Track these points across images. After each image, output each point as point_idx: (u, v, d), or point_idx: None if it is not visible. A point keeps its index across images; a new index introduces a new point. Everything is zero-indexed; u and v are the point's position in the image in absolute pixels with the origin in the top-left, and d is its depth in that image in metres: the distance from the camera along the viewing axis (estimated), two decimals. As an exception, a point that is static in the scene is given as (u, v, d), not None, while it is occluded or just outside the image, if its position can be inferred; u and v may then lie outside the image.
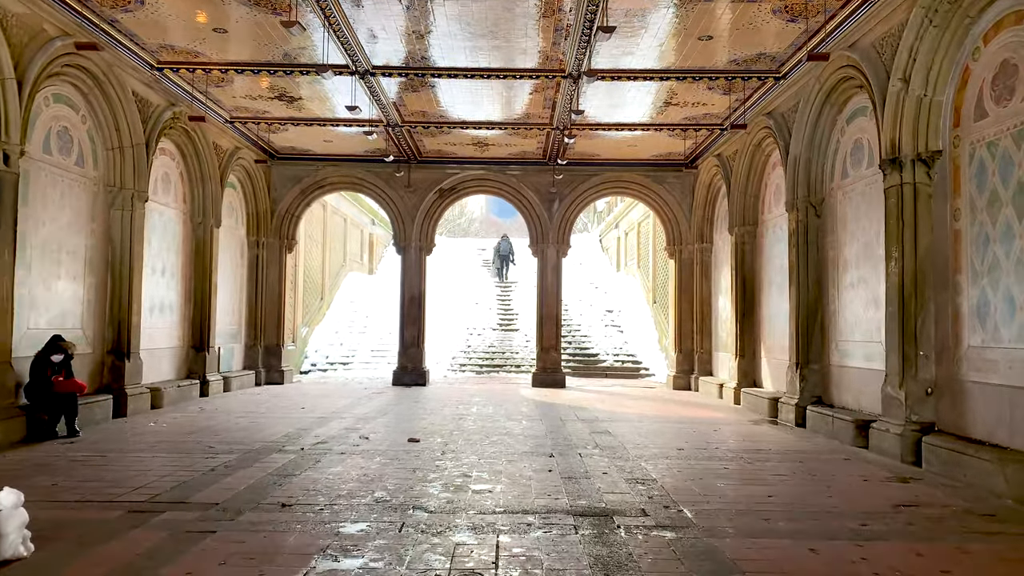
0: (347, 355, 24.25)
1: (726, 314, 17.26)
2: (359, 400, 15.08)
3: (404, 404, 14.52)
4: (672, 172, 19.16)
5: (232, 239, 17.71)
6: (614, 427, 11.47)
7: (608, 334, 25.79)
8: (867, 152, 10.82)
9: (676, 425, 11.96)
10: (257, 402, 14.49)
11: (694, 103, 14.09)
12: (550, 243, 19.34)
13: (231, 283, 17.67)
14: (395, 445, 9.57)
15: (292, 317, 22.48)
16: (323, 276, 26.09)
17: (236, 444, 9.43)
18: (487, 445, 9.64)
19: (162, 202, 14.29)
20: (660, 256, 24.70)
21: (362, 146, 17.84)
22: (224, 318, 17.20)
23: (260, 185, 18.56)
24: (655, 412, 13.80)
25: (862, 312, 10.88)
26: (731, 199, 15.94)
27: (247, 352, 18.53)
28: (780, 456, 9.20)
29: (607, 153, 18.22)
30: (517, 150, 18.01)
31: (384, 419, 12.09)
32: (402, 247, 19.45)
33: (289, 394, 16.21)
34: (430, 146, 17.81)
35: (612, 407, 14.47)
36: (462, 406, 14.16)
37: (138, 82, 12.43)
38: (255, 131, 16.34)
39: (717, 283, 18.09)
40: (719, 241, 18.01)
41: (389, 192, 19.28)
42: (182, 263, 15.16)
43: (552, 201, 19.34)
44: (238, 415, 12.45)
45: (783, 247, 13.85)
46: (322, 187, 19.42)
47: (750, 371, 15.31)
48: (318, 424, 11.40)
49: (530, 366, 23.74)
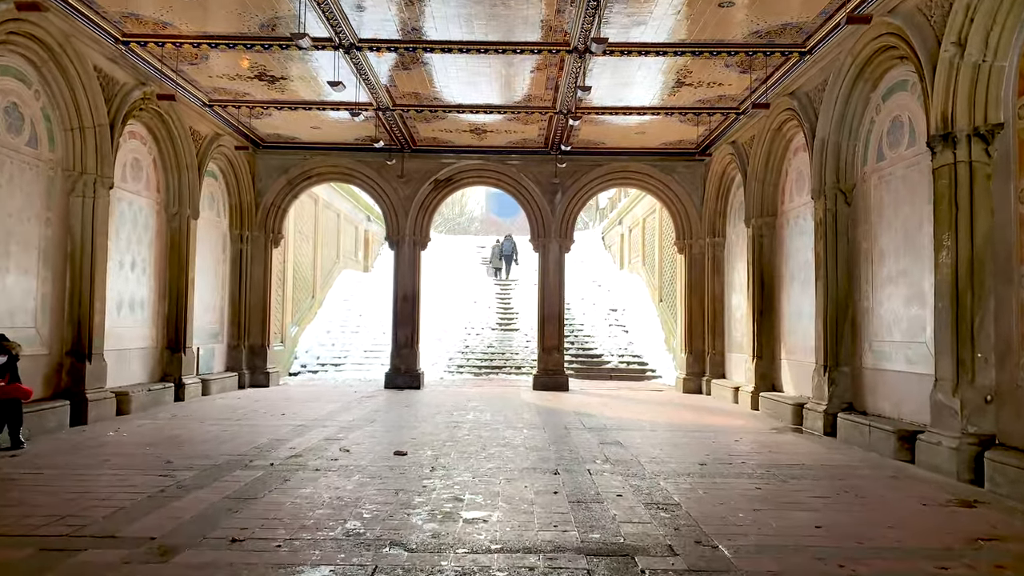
0: (339, 356, 23.13)
1: (741, 313, 16.15)
2: (346, 405, 13.96)
3: (394, 410, 13.41)
4: (682, 162, 18.05)
5: (213, 232, 16.60)
6: (625, 437, 10.35)
7: (612, 334, 24.67)
8: (908, 130, 9.70)
9: (692, 435, 10.85)
10: (235, 407, 13.37)
11: (709, 83, 12.98)
12: (552, 238, 18.22)
13: (212, 279, 16.56)
14: (379, 459, 8.45)
15: (281, 316, 21.39)
16: (315, 273, 24.98)
17: (199, 458, 8.31)
18: (483, 459, 8.52)
19: (132, 190, 13.17)
20: (667, 252, 23.58)
21: (352, 133, 16.73)
22: (204, 316, 16.09)
23: (244, 175, 17.44)
24: (667, 419, 12.68)
25: (902, 309, 9.76)
26: (747, 189, 14.83)
27: (230, 353, 17.41)
28: (816, 473, 8.07)
29: (613, 141, 17.11)
30: (517, 137, 16.90)
31: (370, 427, 10.97)
32: (395, 241, 18.33)
33: (272, 398, 15.09)
34: (424, 133, 16.70)
35: (620, 413, 13.35)
36: (457, 412, 13.05)
37: (101, 56, 11.32)
38: (236, 116, 15.22)
39: (730, 279, 16.97)
40: (733, 235, 16.90)
41: (381, 183, 18.15)
42: (155, 257, 14.04)
43: (554, 193, 18.22)
44: (211, 422, 11.34)
45: (807, 239, 12.74)
46: (310, 177, 18.29)
47: (768, 374, 14.19)
48: (296, 433, 10.28)
49: (531, 368, 22.63)
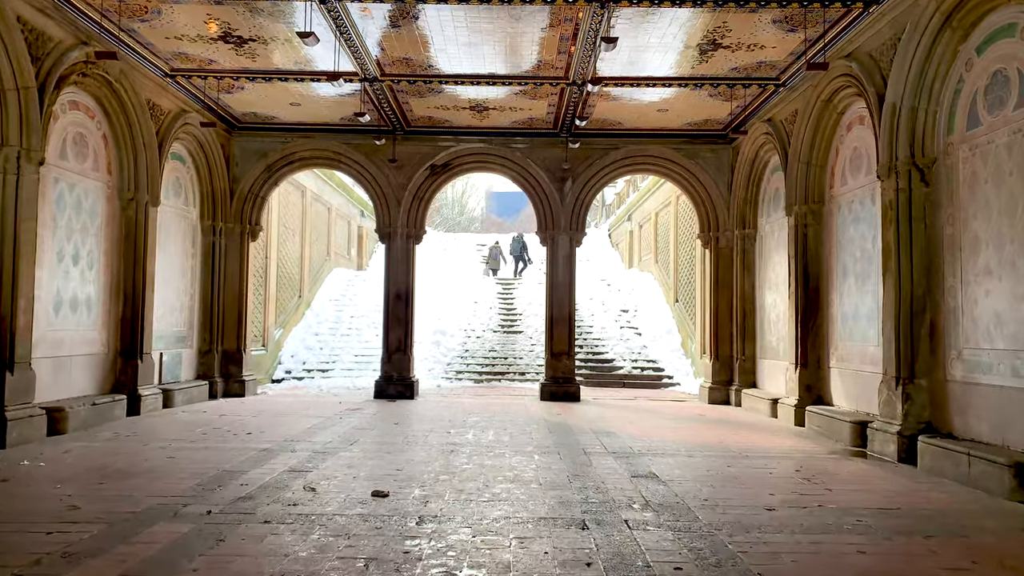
0: (327, 361, 21.22)
1: (777, 313, 14.24)
2: (326, 421, 12.04)
3: (381, 427, 11.49)
4: (707, 146, 16.13)
5: (180, 222, 14.69)
6: (659, 466, 8.44)
7: (624, 337, 22.75)
8: (1016, 86, 7.80)
9: (740, 462, 8.93)
10: (196, 424, 11.46)
11: (749, 45, 11.08)
12: (562, 230, 16.30)
13: (178, 276, 14.64)
14: (351, 503, 6.54)
15: (262, 317, 19.49)
16: (302, 271, 23.07)
17: (117, 501, 6.41)
18: (487, 503, 6.61)
19: (75, 170, 11.27)
20: (684, 248, 21.68)
21: (337, 112, 14.82)
22: (168, 318, 14.19)
23: (216, 160, 15.52)
24: (701, 438, 10.77)
25: (1007, 309, 7.85)
26: (788, 172, 12.91)
27: (200, 359, 15.48)
28: (923, 523, 6.15)
29: (631, 121, 15.20)
30: (524, 116, 14.99)
31: (348, 453, 9.05)
32: (386, 235, 16.41)
33: (244, 411, 13.18)
34: (419, 111, 14.79)
35: (645, 430, 11.45)
36: (455, 430, 11.14)
37: (27, 6, 9.42)
38: (203, 88, 13.31)
39: (763, 276, 15.07)
40: (766, 226, 14.99)
41: (371, 169, 16.23)
42: (106, 248, 12.13)
43: (564, 180, 16.30)
44: (159, 444, 9.44)
45: (865, 228, 10.85)
46: (291, 163, 16.37)
47: (814, 384, 12.28)
48: (256, 462, 8.37)
49: (536, 374, 20.74)
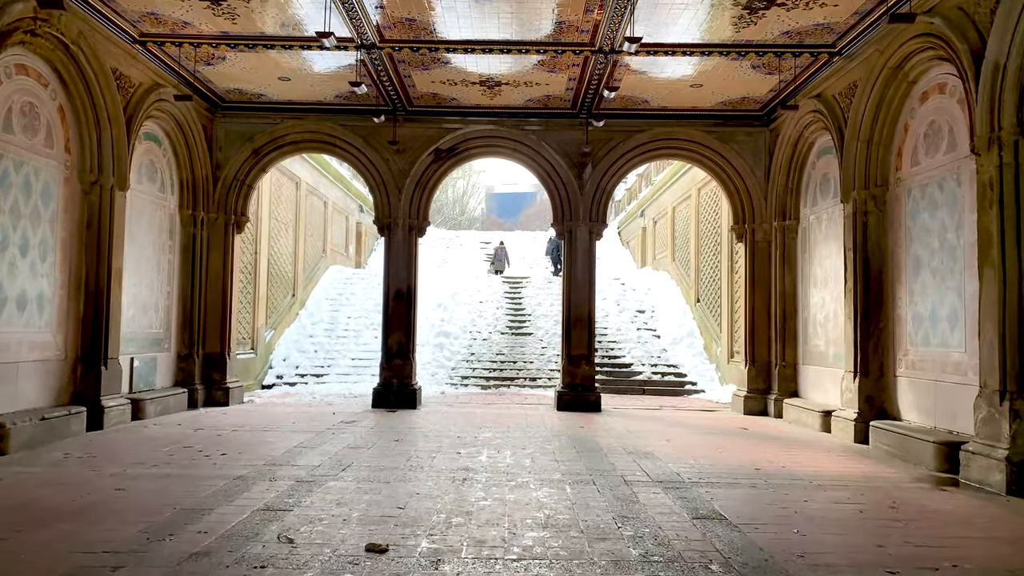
0: (322, 365, 19.63)
1: (824, 314, 12.66)
2: (317, 437, 10.46)
3: (379, 445, 9.89)
4: (742, 128, 14.55)
5: (155, 211, 13.11)
6: (722, 501, 6.85)
7: (642, 339, 21.16)
8: None
9: (817, 493, 7.32)
10: (165, 441, 9.88)
11: (808, 1, 9.51)
12: (581, 221, 14.71)
13: (153, 270, 13.06)
14: (338, 562, 4.93)
15: (251, 317, 17.91)
16: (296, 268, 21.49)
17: (18, 565, 4.82)
18: (516, 564, 4.99)
19: (22, 145, 9.68)
20: (706, 245, 20.11)
21: (332, 88, 13.25)
22: (141, 318, 12.61)
23: (197, 142, 13.94)
24: (754, 460, 9.17)
25: None
26: (845, 153, 11.32)
27: (179, 364, 13.90)
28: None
29: (659, 99, 13.62)
30: (539, 93, 13.40)
31: (339, 483, 7.45)
32: (385, 226, 14.81)
33: (223, 424, 11.59)
34: (423, 87, 13.20)
35: (685, 449, 9.86)
36: (465, 451, 9.54)
37: (-46, -58, 7.88)
38: (178, 58, 11.73)
39: (807, 272, 13.48)
40: (811, 216, 13.40)
41: (369, 154, 14.64)
42: (63, 238, 10.55)
43: (583, 166, 14.71)
44: (112, 470, 7.85)
45: (945, 214, 9.29)
46: (281, 147, 14.78)
47: (877, 395, 10.69)
48: (225, 496, 6.78)
49: (548, 379, 19.18)
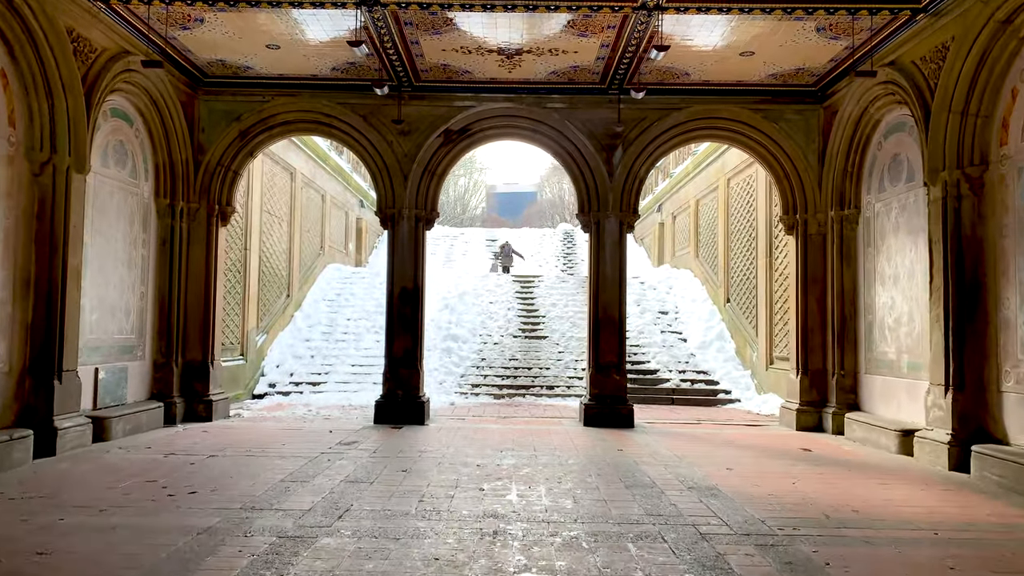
0: (319, 372, 17.94)
1: (895, 317, 10.96)
2: (309, 465, 8.75)
3: (384, 479, 8.16)
4: (793, 105, 12.85)
5: (125, 199, 11.43)
6: (841, 566, 5.14)
7: (667, 343, 19.46)
8: None
9: (958, 552, 5.59)
10: (126, 472, 8.18)
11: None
12: (610, 211, 12.99)
13: (122, 267, 11.38)
14: None
15: (240, 320, 16.24)
16: (291, 266, 19.81)
17: None
18: None
19: (-50, 114, 8.02)
20: (737, 239, 18.42)
21: (329, 58, 11.57)
22: (108, 323, 10.94)
23: (176, 122, 12.25)
24: (843, 496, 7.45)
25: None
26: (932, 128, 9.59)
27: (155, 374, 12.22)
28: None
29: (701, 72, 11.92)
30: (565, 64, 11.71)
31: (333, 541, 5.72)
32: (389, 218, 13.11)
33: (201, 447, 9.89)
34: (432, 56, 11.51)
35: (752, 481, 8.15)
36: (488, 485, 7.83)
37: None
38: (146, 18, 10.02)
39: (872, 267, 11.77)
40: (877, 204, 11.70)
41: (370, 136, 12.94)
42: (5, 228, 8.81)
43: (613, 148, 13.01)
44: (43, 518, 6.15)
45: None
46: (271, 128, 13.06)
47: (974, 414, 8.99)
48: (180, 567, 5.08)
49: (567, 387, 17.50)
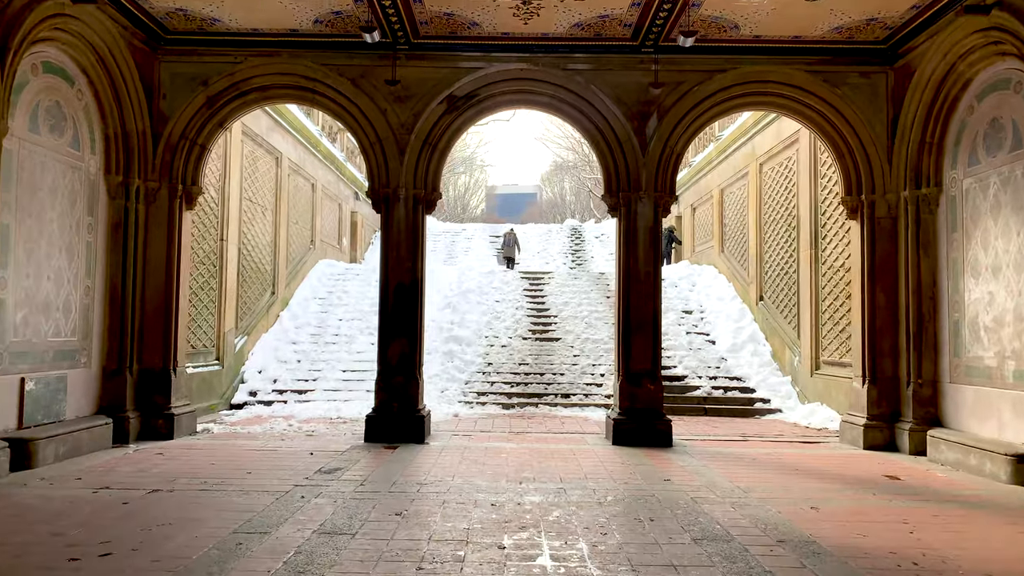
0: (306, 378, 16.01)
1: (995, 315, 9.03)
2: (275, 506, 6.81)
3: (369, 530, 6.18)
4: (856, 68, 10.92)
5: (64, 174, 9.50)
6: None
7: (694, 345, 17.53)
8: None
9: None
10: (30, 518, 6.24)
11: None
12: (643, 191, 11.06)
13: (59, 256, 9.44)
14: None
15: (216, 320, 14.32)
16: (276, 260, 17.89)
17: None
18: None
19: None
20: (772, 230, 16.52)
21: (310, 9, 9.63)
22: (39, 322, 9.00)
23: (129, 84, 10.33)
24: (983, 550, 5.52)
25: None
26: (1056, 77, 7.72)
27: (105, 383, 10.29)
28: None
29: (754, 24, 10.00)
30: (592, 14, 9.77)
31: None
32: (383, 199, 11.16)
33: (146, 478, 7.95)
34: (433, 4, 9.58)
35: (854, 528, 6.21)
36: (510, 540, 5.85)
37: None
38: (81, -54, 8.13)
39: (960, 256, 9.83)
40: (965, 181, 9.76)
41: (360, 102, 11.00)
42: None
43: (646, 117, 11.08)
44: None
45: None
46: (244, 95, 11.12)
47: (1122, 438, 7.08)
48: None
49: (584, 395, 15.60)
